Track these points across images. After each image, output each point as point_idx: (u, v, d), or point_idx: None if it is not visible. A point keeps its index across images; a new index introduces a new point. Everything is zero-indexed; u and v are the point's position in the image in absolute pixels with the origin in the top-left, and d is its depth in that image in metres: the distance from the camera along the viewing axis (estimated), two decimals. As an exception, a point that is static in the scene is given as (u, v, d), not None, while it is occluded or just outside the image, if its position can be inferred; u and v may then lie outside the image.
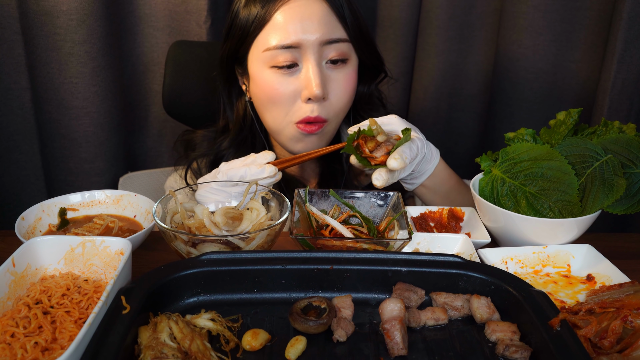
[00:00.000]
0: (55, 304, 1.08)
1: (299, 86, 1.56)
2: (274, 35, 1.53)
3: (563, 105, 2.19)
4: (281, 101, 1.57)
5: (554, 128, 1.46)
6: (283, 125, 1.62)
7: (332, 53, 1.57)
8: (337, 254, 1.13)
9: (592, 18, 2.08)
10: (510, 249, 1.34)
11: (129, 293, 1.00)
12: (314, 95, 1.53)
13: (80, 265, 1.20)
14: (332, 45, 1.56)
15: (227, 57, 1.67)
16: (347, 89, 1.61)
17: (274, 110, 1.60)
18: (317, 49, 1.54)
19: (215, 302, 1.09)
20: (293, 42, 1.52)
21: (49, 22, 1.98)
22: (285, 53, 1.53)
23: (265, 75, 1.57)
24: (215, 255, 1.11)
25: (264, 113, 1.65)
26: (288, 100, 1.57)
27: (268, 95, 1.58)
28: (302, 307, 1.05)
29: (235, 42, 1.62)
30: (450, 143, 2.45)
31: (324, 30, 1.54)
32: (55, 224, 1.44)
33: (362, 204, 1.40)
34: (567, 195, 1.34)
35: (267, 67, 1.56)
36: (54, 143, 2.15)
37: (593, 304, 1.14)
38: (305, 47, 1.53)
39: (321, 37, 1.53)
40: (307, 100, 1.56)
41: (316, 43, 1.54)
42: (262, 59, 1.56)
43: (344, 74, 1.60)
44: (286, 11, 1.52)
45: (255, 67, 1.59)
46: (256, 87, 1.62)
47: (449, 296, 1.09)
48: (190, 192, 1.64)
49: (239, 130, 1.76)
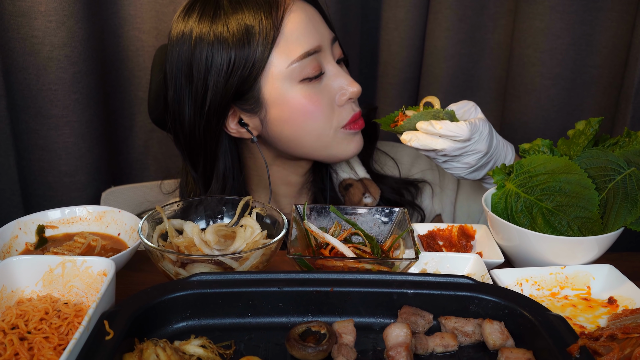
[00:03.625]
0: (32, 329, 1.08)
1: (332, 91, 1.57)
2: (295, 44, 1.51)
3: (582, 114, 2.19)
4: (321, 113, 1.56)
5: (572, 139, 1.47)
6: (331, 136, 1.60)
7: (338, 52, 1.62)
8: (338, 275, 1.13)
9: (614, 20, 2.09)
10: (526, 270, 1.34)
11: (113, 317, 1.01)
12: (356, 93, 1.58)
13: (59, 287, 1.20)
14: (335, 44, 1.61)
15: (219, 103, 1.54)
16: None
17: (314, 126, 1.57)
18: (330, 48, 1.58)
19: (206, 327, 1.10)
20: (316, 46, 1.53)
21: (26, 24, 1.99)
22: (311, 62, 1.53)
23: (297, 92, 1.53)
24: (205, 276, 1.12)
25: (298, 135, 1.58)
26: (326, 110, 1.57)
27: (306, 112, 1.55)
28: (300, 333, 1.06)
29: (237, 76, 1.51)
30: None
31: (327, 29, 1.59)
32: (33, 242, 1.44)
33: (365, 220, 1.41)
34: (587, 211, 1.35)
35: (296, 82, 1.53)
36: (31, 155, 2.16)
37: (615, 329, 1.14)
38: (324, 48, 1.56)
39: (330, 34, 1.59)
40: (347, 101, 1.59)
41: (329, 41, 1.58)
42: (288, 76, 1.52)
43: (346, 70, 1.65)
44: (294, 18, 1.53)
45: (279, 89, 1.53)
46: (285, 110, 1.55)
47: (459, 321, 1.09)
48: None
49: (228, 182, 1.68)
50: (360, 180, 1.77)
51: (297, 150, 1.62)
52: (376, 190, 1.75)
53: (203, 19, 1.52)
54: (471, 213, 1.84)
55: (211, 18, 1.51)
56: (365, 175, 1.78)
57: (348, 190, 1.76)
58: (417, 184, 1.85)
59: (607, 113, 2.16)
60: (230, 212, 1.44)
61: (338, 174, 1.79)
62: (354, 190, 1.75)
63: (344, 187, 1.76)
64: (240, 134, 1.62)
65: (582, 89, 2.18)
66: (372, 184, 1.77)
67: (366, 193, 1.73)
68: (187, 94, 1.56)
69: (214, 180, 1.64)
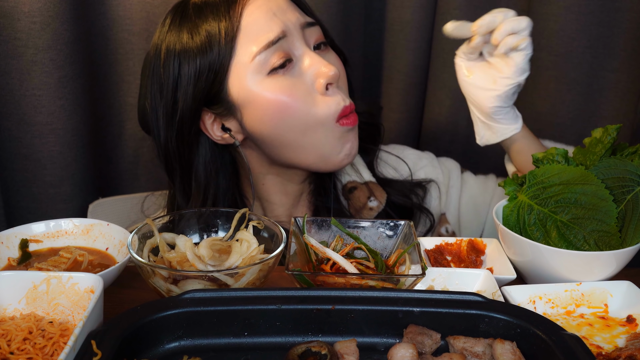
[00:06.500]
0: (15, 349, 1.09)
1: (307, 78, 1.56)
2: (256, 37, 1.53)
3: (600, 121, 2.20)
4: (298, 104, 1.55)
5: (589, 147, 1.47)
6: (320, 132, 1.58)
7: (314, 37, 1.61)
8: (339, 292, 1.14)
9: (633, 21, 2.09)
10: (539, 287, 1.34)
11: (101, 337, 1.01)
12: (330, 75, 1.55)
13: (44, 305, 1.21)
14: (310, 28, 1.61)
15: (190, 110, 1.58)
16: (344, 69, 1.66)
17: (294, 121, 1.56)
18: (300, 34, 1.58)
19: (199, 347, 1.10)
20: (278, 32, 1.53)
21: (9, 25, 1.99)
22: (276, 49, 1.53)
23: (267, 85, 1.54)
24: (199, 293, 1.12)
25: (280, 133, 1.58)
26: (304, 99, 1.55)
27: (280, 105, 1.54)
28: (300, 353, 1.06)
29: (203, 82, 1.55)
30: (470, 164, 2.45)
31: (296, 14, 1.59)
32: (16, 257, 1.45)
33: (368, 234, 1.41)
34: (604, 224, 1.35)
35: (263, 76, 1.54)
36: (14, 165, 2.16)
37: (634, 349, 1.14)
38: (290, 34, 1.56)
39: (298, 20, 1.58)
40: (326, 87, 1.56)
41: (298, 26, 1.57)
42: (253, 71, 1.54)
43: (333, 55, 1.65)
44: (253, 11, 1.54)
45: (247, 86, 1.55)
46: (257, 107, 1.56)
47: (468, 340, 1.10)
48: None
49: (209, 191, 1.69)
50: (365, 184, 1.77)
51: (287, 153, 1.62)
52: (382, 194, 1.75)
53: (171, 29, 1.59)
54: (478, 211, 1.86)
55: (178, 28, 1.57)
56: (371, 178, 1.79)
57: (352, 193, 1.76)
58: (424, 185, 1.86)
59: (626, 120, 2.16)
60: (226, 225, 1.44)
61: (341, 178, 1.80)
62: (359, 193, 1.75)
63: (348, 190, 1.77)
64: (224, 140, 1.64)
65: (599, 95, 2.19)
66: (378, 187, 1.77)
67: (371, 197, 1.74)
68: (160, 108, 1.60)
69: (194, 190, 1.66)
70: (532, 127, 2.25)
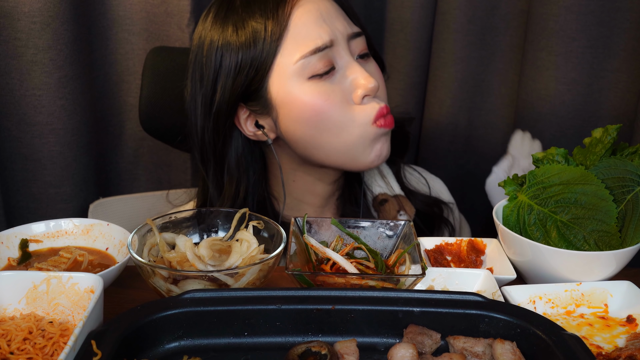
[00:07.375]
0: (15, 349, 1.09)
1: (345, 87, 1.57)
2: (303, 41, 1.53)
3: (600, 121, 2.19)
4: (334, 110, 1.55)
5: (589, 147, 1.47)
6: (356, 134, 1.58)
7: (359, 47, 1.62)
8: (339, 292, 1.14)
9: (634, 21, 2.09)
10: (539, 287, 1.34)
11: (101, 337, 1.01)
12: (370, 88, 1.55)
13: (44, 305, 1.21)
14: (356, 39, 1.61)
15: (227, 104, 1.59)
16: (383, 79, 1.67)
17: (329, 123, 1.57)
18: (346, 44, 1.58)
19: (199, 347, 1.10)
20: (326, 41, 1.54)
21: (9, 25, 1.99)
22: (322, 57, 1.54)
23: (306, 88, 1.54)
24: (199, 293, 1.12)
25: (313, 134, 1.59)
26: (340, 106, 1.56)
27: (316, 109, 1.55)
28: (300, 353, 1.06)
29: (244, 77, 1.56)
30: (470, 165, 2.46)
31: (344, 24, 1.59)
32: (16, 257, 1.45)
33: (368, 234, 1.41)
34: (605, 224, 1.35)
35: (304, 79, 1.54)
36: (14, 165, 2.16)
37: (634, 349, 1.14)
38: (337, 44, 1.56)
39: (346, 30, 1.58)
40: (363, 99, 1.57)
41: (345, 37, 1.58)
42: (296, 73, 1.54)
43: (373, 65, 1.66)
44: (303, 14, 1.54)
45: (287, 87, 1.55)
46: (294, 109, 1.56)
47: (468, 340, 1.10)
48: None
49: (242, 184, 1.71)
50: (395, 197, 1.77)
51: (318, 154, 1.62)
52: (411, 209, 1.75)
53: (215, 22, 1.59)
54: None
55: (222, 21, 1.58)
56: (400, 192, 1.80)
57: (383, 205, 1.76)
58: (443, 203, 1.90)
59: (626, 120, 2.16)
60: (226, 225, 1.44)
61: (372, 189, 1.81)
62: (389, 206, 1.75)
63: (379, 202, 1.77)
64: (257, 136, 1.65)
65: (599, 95, 2.18)
66: (407, 201, 1.78)
67: (401, 210, 1.74)
68: (199, 97, 1.62)
69: (227, 183, 1.68)
70: (532, 126, 2.26)
